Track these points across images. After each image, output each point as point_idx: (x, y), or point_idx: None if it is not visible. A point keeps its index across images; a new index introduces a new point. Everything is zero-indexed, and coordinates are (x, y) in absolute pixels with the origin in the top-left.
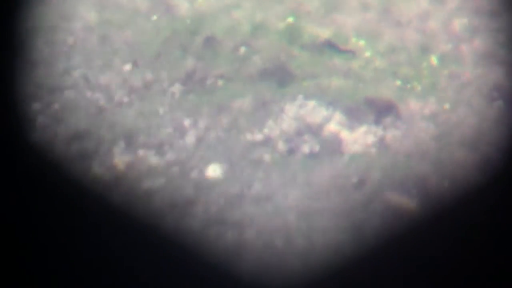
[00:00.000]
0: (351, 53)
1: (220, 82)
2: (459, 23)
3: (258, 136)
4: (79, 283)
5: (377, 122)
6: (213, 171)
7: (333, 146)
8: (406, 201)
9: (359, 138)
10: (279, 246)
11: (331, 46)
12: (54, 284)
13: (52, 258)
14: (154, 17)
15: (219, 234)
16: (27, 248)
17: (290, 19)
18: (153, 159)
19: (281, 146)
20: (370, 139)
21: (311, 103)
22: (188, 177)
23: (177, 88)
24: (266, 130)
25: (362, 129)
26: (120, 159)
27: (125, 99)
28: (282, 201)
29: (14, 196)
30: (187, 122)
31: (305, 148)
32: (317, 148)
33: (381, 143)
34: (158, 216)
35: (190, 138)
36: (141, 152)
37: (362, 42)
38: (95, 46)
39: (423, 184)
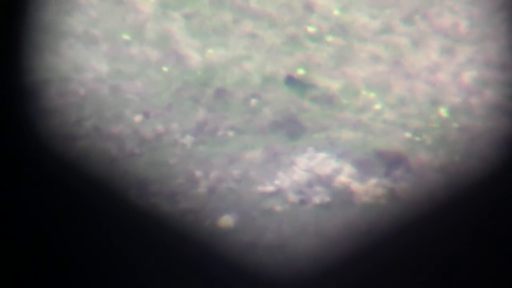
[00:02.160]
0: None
1: (231, 134)
2: (469, 76)
3: (269, 188)
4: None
5: (387, 174)
6: (225, 221)
7: (344, 197)
8: None
9: (369, 190)
10: None
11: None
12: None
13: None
14: (165, 69)
15: (232, 281)
16: (29, 243)
17: (301, 71)
18: (166, 208)
19: (292, 197)
20: (381, 190)
21: (322, 155)
22: (201, 226)
23: (188, 139)
24: (277, 182)
25: (373, 181)
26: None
27: (136, 150)
28: (294, 249)
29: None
30: (198, 173)
31: (316, 199)
32: (328, 199)
33: (391, 194)
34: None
35: (202, 189)
36: (153, 201)
37: (372, 95)
38: (107, 97)
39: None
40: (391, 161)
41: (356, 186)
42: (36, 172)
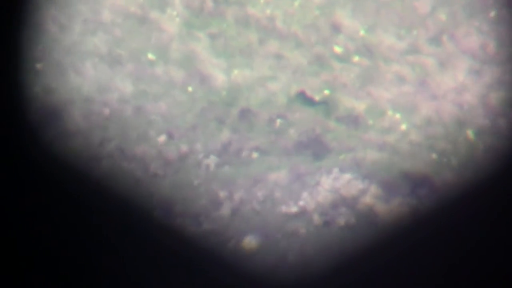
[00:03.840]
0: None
1: (255, 155)
2: (496, 97)
3: (294, 209)
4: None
5: (412, 195)
6: (249, 242)
7: (368, 219)
8: None
9: (394, 210)
10: None
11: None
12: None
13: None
14: (190, 89)
15: None
16: (29, 244)
17: (326, 92)
18: (190, 229)
19: (317, 218)
20: (405, 210)
21: (347, 176)
22: (224, 248)
23: (212, 160)
24: (301, 203)
25: (397, 201)
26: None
27: (160, 171)
28: (318, 272)
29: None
30: (222, 194)
31: (341, 221)
32: (352, 220)
33: (416, 214)
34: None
35: (226, 210)
36: (177, 222)
37: (398, 115)
38: (131, 117)
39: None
40: (417, 182)
41: (380, 206)
42: (59, 194)
